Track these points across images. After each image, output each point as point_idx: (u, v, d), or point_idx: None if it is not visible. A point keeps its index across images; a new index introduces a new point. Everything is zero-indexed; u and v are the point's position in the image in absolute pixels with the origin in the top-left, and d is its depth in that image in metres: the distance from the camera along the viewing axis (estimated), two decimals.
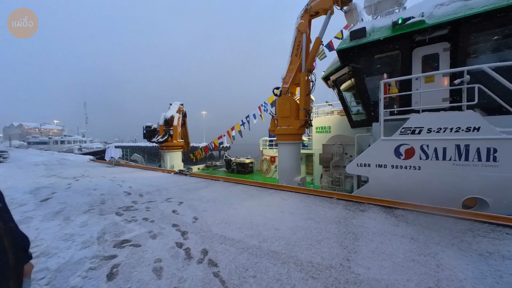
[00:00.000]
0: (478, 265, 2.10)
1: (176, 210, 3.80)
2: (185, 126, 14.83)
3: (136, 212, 3.74)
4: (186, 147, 14.95)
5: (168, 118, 12.77)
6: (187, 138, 15.00)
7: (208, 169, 15.92)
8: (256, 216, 3.43)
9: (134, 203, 4.26)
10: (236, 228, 2.98)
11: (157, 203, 4.29)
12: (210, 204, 4.16)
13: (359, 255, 2.29)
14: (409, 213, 3.54)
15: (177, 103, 14.02)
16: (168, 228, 3.02)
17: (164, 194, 4.97)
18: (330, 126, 10.40)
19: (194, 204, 4.18)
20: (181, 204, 4.21)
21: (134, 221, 3.31)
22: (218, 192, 5.14)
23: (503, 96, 3.72)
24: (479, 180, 3.72)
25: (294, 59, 7.34)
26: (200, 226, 3.08)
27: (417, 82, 5.19)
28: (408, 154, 4.27)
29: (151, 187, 5.71)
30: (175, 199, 4.53)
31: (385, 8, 6.20)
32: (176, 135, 12.86)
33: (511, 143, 3.49)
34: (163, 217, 3.45)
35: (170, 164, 12.68)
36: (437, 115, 4.13)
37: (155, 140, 12.73)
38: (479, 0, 4.40)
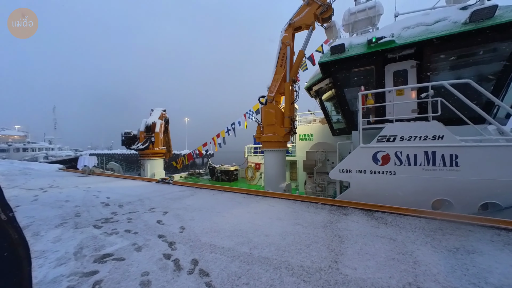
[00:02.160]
0: (448, 260, 2.33)
1: (161, 220, 3.64)
2: (168, 133, 14.39)
3: (117, 224, 3.51)
4: (168, 155, 14.44)
5: (149, 124, 12.31)
6: (169, 145, 14.52)
7: (191, 177, 15.47)
8: (245, 223, 3.43)
9: (114, 215, 3.99)
10: (225, 236, 2.94)
11: (139, 213, 4.07)
12: (197, 212, 4.05)
13: (346, 256, 2.40)
14: (387, 215, 3.80)
15: (159, 109, 13.62)
16: (153, 239, 2.88)
17: (147, 204, 4.73)
18: (312, 134, 10.84)
19: (180, 213, 4.04)
20: (166, 214, 4.04)
21: (115, 233, 3.10)
22: (205, 200, 5.03)
23: (460, 108, 4.27)
24: (445, 183, 4.16)
25: (279, 69, 7.65)
26: (188, 235, 2.99)
27: (390, 95, 5.73)
28: (384, 160, 4.63)
29: (132, 197, 5.40)
30: (159, 209, 4.34)
31: (360, 27, 6.83)
32: (158, 142, 12.40)
33: (469, 150, 3.98)
34: (147, 228, 3.29)
35: (151, 172, 12.10)
36: (407, 124, 4.57)
37: (135, 147, 12.12)
38: (438, 25, 5.08)
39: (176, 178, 13.86)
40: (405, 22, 5.65)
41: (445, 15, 5.13)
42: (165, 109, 13.97)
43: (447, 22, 4.99)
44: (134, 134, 12.77)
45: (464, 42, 4.81)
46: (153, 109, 13.65)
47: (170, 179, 7.88)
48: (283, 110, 7.55)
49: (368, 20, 6.65)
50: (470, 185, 3.99)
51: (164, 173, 13.01)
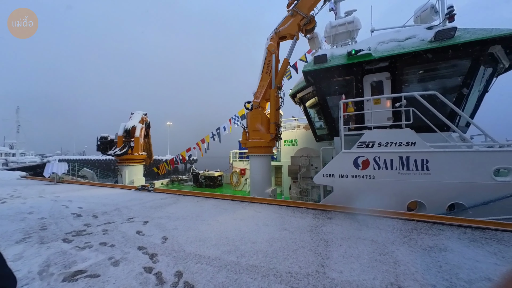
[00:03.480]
0: (424, 258, 2.49)
1: (141, 231, 3.42)
2: (149, 138, 13.76)
3: (91, 236, 3.22)
4: (149, 160, 13.76)
5: (129, 128, 11.68)
6: (150, 151, 13.87)
7: (173, 183, 14.86)
8: (232, 231, 3.35)
9: (87, 226, 3.66)
10: (211, 245, 2.85)
11: (116, 224, 3.78)
12: (181, 221, 3.88)
13: (332, 260, 2.45)
14: (368, 218, 3.97)
15: (139, 113, 13.01)
16: (133, 251, 2.69)
17: (125, 214, 4.42)
18: (297, 140, 11.11)
19: (162, 222, 3.83)
20: (146, 223, 3.81)
21: (89, 247, 2.84)
22: (189, 208, 4.85)
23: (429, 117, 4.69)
24: (418, 186, 4.49)
25: (265, 76, 7.80)
26: (171, 246, 2.84)
27: (368, 103, 6.11)
28: (364, 165, 4.88)
29: (108, 207, 5.02)
30: (139, 219, 4.08)
31: (341, 39, 7.27)
32: (138, 147, 11.79)
33: (437, 155, 4.36)
34: (126, 240, 3.06)
35: (130, 179, 11.40)
36: (384, 131, 4.89)
37: (112, 153, 11.37)
38: (408, 42, 5.59)
39: (157, 185, 13.20)
40: (380, 37, 6.14)
41: (414, 33, 5.68)
42: (146, 113, 13.39)
43: (416, 39, 5.53)
44: (111, 139, 12.00)
45: (430, 58, 5.35)
46: (132, 112, 13.01)
47: (151, 186, 7.48)
48: (269, 116, 7.65)
49: (348, 34, 7.11)
50: (439, 187, 4.35)
51: (144, 180, 12.33)
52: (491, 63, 5.33)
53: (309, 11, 7.54)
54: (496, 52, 5.11)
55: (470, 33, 5.04)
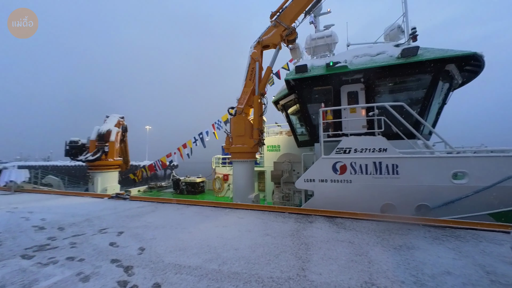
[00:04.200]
0: (394, 257, 2.69)
1: (115, 242, 3.20)
2: (125, 142, 13.01)
3: (56, 251, 2.92)
4: (125, 166, 12.97)
5: (103, 132, 10.93)
6: (126, 156, 13.09)
7: (152, 191, 14.10)
8: (214, 238, 3.29)
9: (51, 240, 3.32)
10: (192, 254, 2.76)
11: (86, 236, 3.49)
12: (160, 230, 3.71)
13: (312, 263, 2.53)
14: (346, 220, 4.18)
15: (116, 116, 12.29)
16: (105, 265, 2.50)
17: (97, 224, 4.10)
18: (279, 145, 11.32)
19: (138, 232, 3.62)
20: (121, 234, 3.57)
21: (53, 263, 2.58)
22: (168, 216, 4.65)
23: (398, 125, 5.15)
24: (389, 189, 4.84)
25: (248, 82, 7.92)
26: (149, 257, 2.70)
27: (345, 112, 6.51)
28: (342, 170, 5.15)
29: (77, 217, 4.61)
30: (113, 229, 3.81)
31: (320, 51, 7.72)
32: (113, 152, 11.05)
33: (406, 160, 4.77)
34: (97, 253, 2.84)
35: (103, 187, 10.60)
36: (359, 138, 5.24)
37: (83, 158, 10.52)
38: (379, 57, 6.13)
39: (134, 192, 12.43)
40: (355, 52, 6.66)
41: (384, 49, 6.25)
42: (123, 116, 12.68)
43: (386, 55, 6.09)
44: (83, 143, 11.12)
45: (398, 72, 5.91)
46: (108, 115, 12.24)
47: (127, 194, 7.05)
48: (252, 122, 7.74)
49: (326, 46, 7.58)
50: (407, 190, 4.74)
51: (119, 188, 11.54)
52: (448, 79, 6.05)
53: (291, 23, 7.91)
54: (451, 70, 5.82)
55: (430, 52, 5.70)
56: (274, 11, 8.10)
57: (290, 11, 7.69)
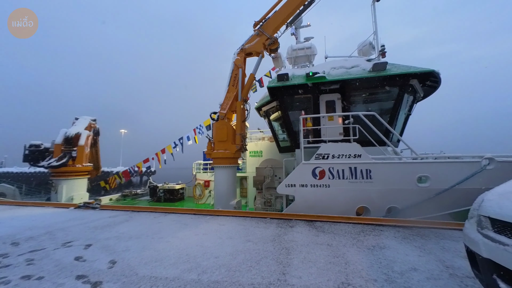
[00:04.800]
0: (368, 257, 2.85)
1: (82, 257, 2.92)
2: (97, 147, 12.08)
3: (8, 270, 2.57)
4: (95, 173, 12.00)
5: (71, 135, 10.04)
6: (97, 162, 12.14)
7: (125, 199, 13.17)
8: (193, 247, 3.17)
9: (2, 257, 2.91)
10: (169, 265, 2.63)
11: (47, 251, 3.13)
12: (134, 241, 3.47)
13: (292, 267, 2.57)
14: (325, 224, 4.33)
15: (86, 118, 11.41)
16: (69, 282, 2.26)
17: (60, 238, 3.70)
18: (262, 151, 11.44)
19: (109, 244, 3.35)
20: (89, 247, 3.26)
21: (4, 283, 2.26)
22: (144, 225, 4.38)
23: (371, 133, 5.55)
24: (364, 193, 5.15)
25: (231, 88, 7.97)
26: (121, 270, 2.50)
27: (324, 120, 6.85)
28: (321, 175, 5.37)
29: (35, 230, 4.11)
30: (79, 242, 3.47)
31: (300, 62, 8.11)
32: (82, 158, 10.18)
33: (378, 165, 5.14)
34: (60, 269, 2.55)
35: (68, 195, 9.63)
36: (336, 145, 5.53)
37: (45, 164, 9.50)
38: (353, 70, 6.62)
39: (105, 201, 11.48)
40: (332, 64, 7.11)
41: (357, 63, 6.78)
42: (95, 119, 11.82)
43: (359, 68, 6.61)
44: (46, 147, 10.07)
45: (370, 85, 6.44)
46: (77, 117, 11.30)
47: (97, 203, 6.49)
48: (235, 128, 7.75)
49: (306, 57, 7.99)
50: (379, 193, 5.09)
51: (88, 196, 10.59)
52: (412, 92, 6.74)
53: (273, 33, 8.21)
54: (414, 84, 6.51)
55: (396, 67, 6.32)
56: (257, 21, 8.36)
57: (273, 22, 8.00)
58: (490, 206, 1.57)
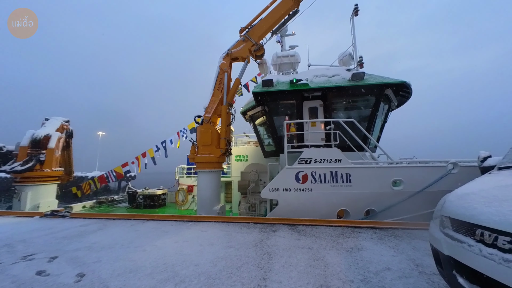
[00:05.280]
0: (347, 258, 2.94)
1: (45, 271, 2.66)
2: (69, 150, 11.24)
3: None
4: (67, 178, 11.12)
5: (39, 137, 9.25)
6: (70, 166, 11.28)
7: (101, 206, 12.33)
8: (172, 255, 3.04)
9: None
10: (145, 275, 2.49)
11: (3, 266, 2.81)
12: (106, 251, 3.24)
13: (273, 272, 2.57)
14: (307, 227, 4.40)
15: (58, 119, 10.61)
16: None
17: (20, 250, 3.34)
18: (247, 155, 11.42)
19: (78, 256, 3.09)
20: (54, 260, 2.99)
21: None
22: (119, 234, 4.12)
23: (350, 139, 5.82)
24: (344, 196, 5.34)
25: (216, 92, 7.93)
26: (90, 284, 2.32)
27: (307, 125, 7.05)
28: (304, 179, 5.48)
29: None
30: (43, 254, 3.17)
31: (285, 69, 8.34)
32: (51, 162, 9.40)
33: (357, 170, 5.38)
34: (17, 286, 2.30)
35: (33, 203, 8.79)
36: (318, 150, 5.71)
37: (8, 169, 8.61)
38: (334, 78, 6.95)
39: (77, 208, 10.65)
40: (315, 72, 7.41)
41: (338, 72, 7.14)
42: (68, 120, 11.03)
43: (340, 77, 6.95)
44: (9, 150, 9.20)
45: (349, 93, 6.79)
46: (47, 118, 10.45)
47: (66, 211, 6.00)
48: (219, 131, 7.68)
49: (290, 65, 8.24)
50: (358, 196, 5.31)
51: (57, 203, 9.74)
52: (387, 101, 7.22)
53: (259, 39, 8.37)
54: (389, 94, 6.98)
55: (373, 78, 6.75)
56: (244, 27, 8.48)
57: (259, 29, 8.17)
58: (450, 207, 1.71)
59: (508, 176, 1.74)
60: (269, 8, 8.06)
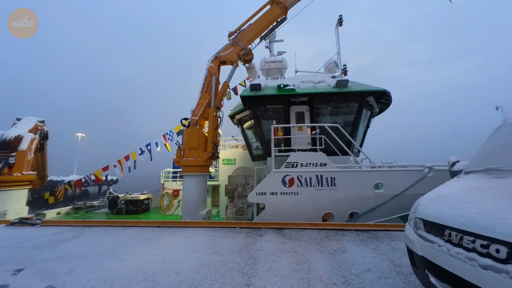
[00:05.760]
0: (330, 261, 2.99)
1: (8, 285, 2.43)
2: (44, 152, 10.50)
3: None
4: (40, 182, 10.35)
5: (10, 138, 8.57)
6: (43, 170, 10.52)
7: (78, 212, 11.58)
8: (152, 263, 2.91)
9: None
10: (122, 286, 2.36)
11: None
12: (80, 261, 3.03)
13: (257, 277, 2.54)
14: (292, 231, 4.43)
15: (31, 119, 9.91)
16: None
17: None
18: (235, 159, 11.34)
19: (48, 267, 2.86)
20: (19, 272, 2.74)
21: None
22: (96, 242, 3.88)
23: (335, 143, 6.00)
24: (329, 200, 5.46)
25: (204, 95, 7.84)
26: None
27: (294, 129, 7.18)
28: (290, 183, 5.54)
29: None
30: (7, 267, 2.89)
31: (272, 74, 8.48)
32: (22, 165, 8.72)
33: (341, 173, 5.54)
34: None
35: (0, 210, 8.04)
36: (305, 154, 5.82)
37: None
38: (320, 84, 7.17)
39: (50, 215, 9.90)
40: (302, 78, 7.61)
41: (324, 79, 7.38)
42: (43, 120, 10.33)
43: (325, 83, 7.19)
44: None
45: (334, 99, 7.03)
46: (19, 118, 9.72)
47: (37, 218, 5.56)
48: (207, 135, 7.58)
49: (278, 70, 8.40)
50: (342, 200, 5.46)
51: (27, 210, 9.00)
52: (369, 107, 7.56)
53: (248, 44, 8.45)
54: (371, 101, 7.32)
55: (356, 85, 7.06)
56: (233, 31, 8.53)
57: (247, 34, 8.26)
58: (422, 209, 1.81)
59: (473, 180, 1.89)
60: (258, 14, 8.20)
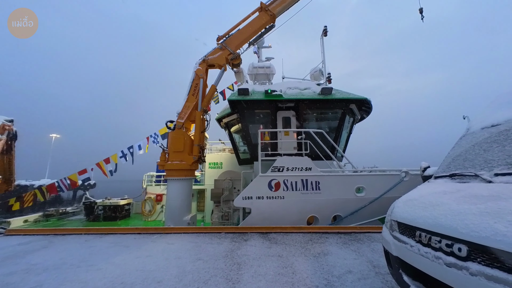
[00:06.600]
0: (314, 264, 3.05)
1: None
2: (11, 154, 9.64)
3: None
4: (5, 187, 9.46)
5: None
6: (10, 173, 9.64)
7: (49, 219, 10.70)
8: (131, 273, 2.78)
9: None
10: None
11: None
12: (50, 273, 2.80)
13: (242, 283, 2.52)
14: (278, 235, 4.46)
15: None
16: None
17: None
18: (222, 162, 11.23)
19: (11, 281, 2.61)
20: None
21: None
22: (69, 251, 3.61)
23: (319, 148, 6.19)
24: (313, 203, 5.59)
25: (191, 97, 7.73)
26: None
27: (280, 134, 7.30)
28: (276, 187, 5.60)
29: None
30: None
31: (260, 79, 8.62)
32: None
33: (325, 177, 5.71)
34: None
35: None
36: (290, 158, 5.93)
37: None
38: (306, 91, 7.40)
39: (17, 223, 9.05)
40: (288, 84, 7.81)
41: (309, 86, 7.64)
42: (12, 119, 9.52)
43: (311, 90, 7.44)
44: None
45: (319, 106, 7.29)
46: None
47: (1, 227, 5.06)
48: (193, 138, 7.45)
49: (266, 76, 8.55)
50: (326, 203, 5.62)
51: None
52: (352, 114, 7.93)
53: (236, 49, 8.52)
54: (353, 108, 7.69)
55: (340, 93, 7.38)
56: (221, 35, 8.56)
57: (236, 39, 8.33)
58: (397, 211, 1.94)
59: (441, 184, 2.05)
60: (247, 20, 8.33)
